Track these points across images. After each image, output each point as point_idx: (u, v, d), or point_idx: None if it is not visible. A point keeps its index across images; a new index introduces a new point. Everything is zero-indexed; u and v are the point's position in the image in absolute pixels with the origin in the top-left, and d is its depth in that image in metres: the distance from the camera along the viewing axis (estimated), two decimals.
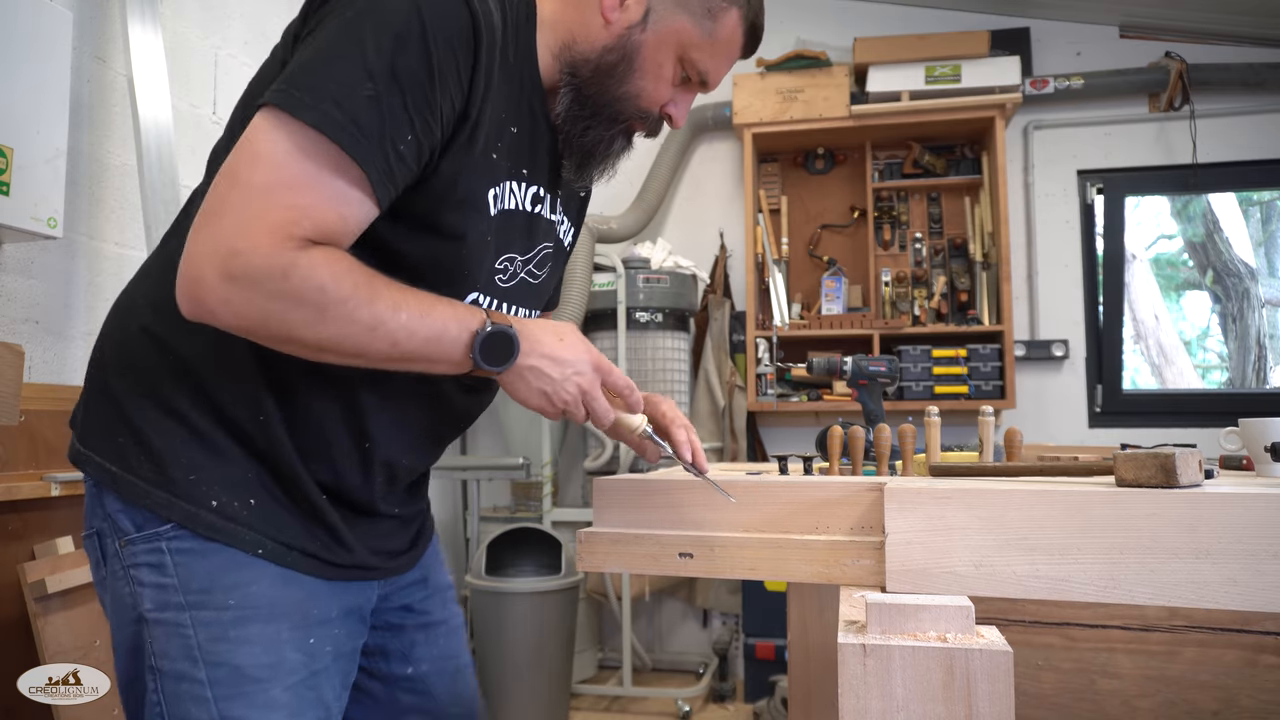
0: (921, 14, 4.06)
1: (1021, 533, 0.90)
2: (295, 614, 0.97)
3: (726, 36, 1.02)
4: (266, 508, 0.96)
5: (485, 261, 1.00)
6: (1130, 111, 3.85)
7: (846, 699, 0.74)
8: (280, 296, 0.80)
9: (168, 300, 0.87)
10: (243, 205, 0.80)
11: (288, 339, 0.84)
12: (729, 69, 1.06)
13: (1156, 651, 0.93)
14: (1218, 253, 4.28)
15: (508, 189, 1.01)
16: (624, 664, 3.49)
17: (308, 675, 0.97)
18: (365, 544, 1.05)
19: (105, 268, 2.27)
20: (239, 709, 0.92)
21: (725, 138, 4.22)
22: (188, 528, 0.93)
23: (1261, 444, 1.36)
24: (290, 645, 0.96)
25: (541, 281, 1.13)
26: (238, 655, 0.92)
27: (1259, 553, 0.84)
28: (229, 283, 0.79)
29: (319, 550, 1.00)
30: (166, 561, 0.93)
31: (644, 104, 1.04)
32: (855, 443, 1.22)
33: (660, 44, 1.01)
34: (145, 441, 0.94)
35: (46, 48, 1.90)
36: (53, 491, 1.92)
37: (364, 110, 0.82)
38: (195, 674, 0.92)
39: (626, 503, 1.12)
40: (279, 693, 0.94)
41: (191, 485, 0.93)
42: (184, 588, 0.93)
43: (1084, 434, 3.83)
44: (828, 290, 3.93)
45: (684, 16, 1.00)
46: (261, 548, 0.95)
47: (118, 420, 0.96)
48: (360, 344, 0.85)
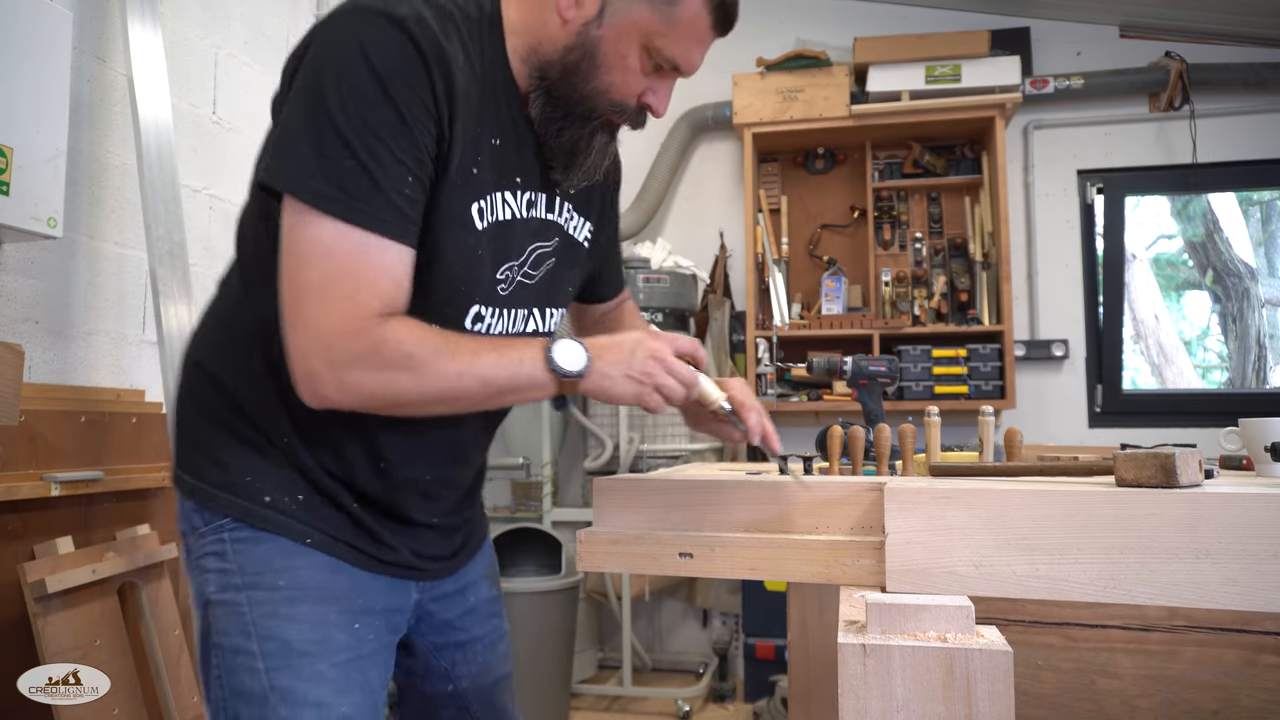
0: (921, 14, 4.06)
1: (1021, 533, 0.90)
2: (342, 600, 1.05)
3: (689, 19, 0.99)
4: (313, 504, 1.05)
5: (483, 275, 1.04)
6: (1130, 111, 3.85)
7: (846, 699, 0.74)
8: (381, 369, 0.91)
9: (218, 345, 1.08)
10: (315, 305, 0.90)
11: (397, 403, 0.94)
12: (703, 51, 1.04)
13: (1156, 651, 0.93)
14: (1218, 253, 4.28)
15: (499, 200, 1.04)
16: (624, 664, 3.49)
17: (354, 657, 1.04)
18: (406, 546, 1.12)
19: (105, 268, 2.27)
20: (287, 679, 0.99)
21: (725, 137, 4.22)
22: (244, 521, 1.03)
23: (1261, 444, 1.36)
24: (337, 627, 1.03)
25: (538, 281, 1.13)
26: (287, 630, 1.00)
27: (1259, 553, 0.84)
28: (337, 369, 0.90)
29: (364, 545, 1.07)
30: (227, 550, 1.03)
31: (616, 97, 1.04)
32: (855, 443, 1.22)
33: (620, 36, 1.00)
34: (213, 456, 1.06)
35: (46, 47, 1.90)
36: (53, 491, 1.92)
37: (358, 183, 0.89)
38: (249, 647, 1.00)
39: (626, 503, 1.12)
40: (326, 668, 1.01)
41: (248, 485, 1.04)
42: (241, 571, 1.02)
43: (1084, 434, 3.83)
44: (828, 290, 3.93)
45: (641, 5, 0.99)
46: (309, 537, 1.04)
47: (196, 446, 1.08)
48: (457, 390, 0.94)
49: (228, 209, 2.74)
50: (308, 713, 0.99)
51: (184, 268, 2.19)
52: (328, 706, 1.00)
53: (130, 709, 1.97)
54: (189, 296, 2.19)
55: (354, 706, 1.03)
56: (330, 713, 1.00)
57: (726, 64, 4.15)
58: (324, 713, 1.00)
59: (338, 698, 1.01)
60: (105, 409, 2.15)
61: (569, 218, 1.16)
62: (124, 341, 2.33)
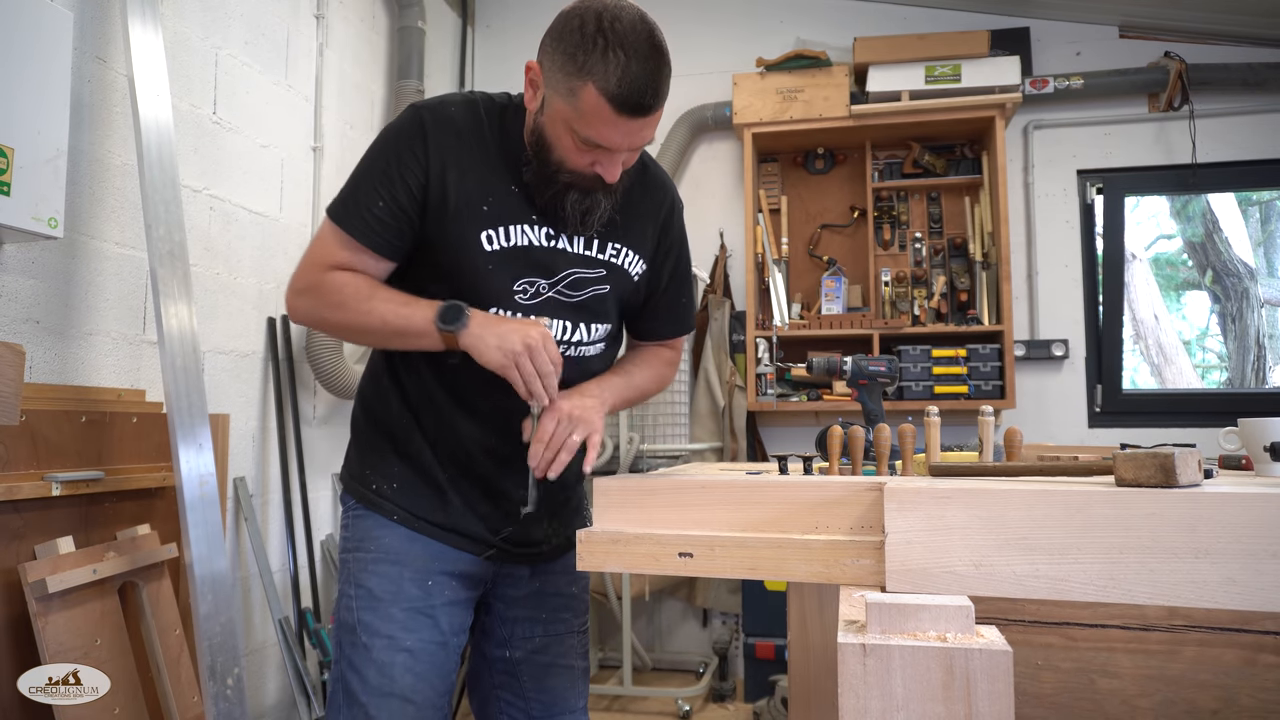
0: (921, 14, 4.06)
1: (1021, 533, 0.90)
2: (417, 562, 1.39)
3: (590, 109, 1.19)
4: (406, 489, 1.42)
5: (493, 285, 1.33)
6: (1130, 111, 3.85)
7: (846, 699, 0.74)
8: (313, 298, 1.33)
9: (365, 374, 1.51)
10: (302, 260, 1.36)
11: (325, 324, 1.36)
12: (619, 132, 1.21)
13: (1156, 651, 0.93)
14: (1217, 253, 4.29)
15: (517, 230, 1.34)
16: (624, 663, 3.49)
17: (424, 606, 1.37)
18: (486, 525, 1.43)
19: (105, 268, 2.27)
20: (369, 617, 1.36)
21: (725, 137, 4.23)
22: (359, 501, 1.44)
23: (1261, 444, 1.37)
24: (410, 582, 1.38)
25: (583, 300, 1.40)
26: (371, 581, 1.38)
27: (1258, 552, 0.84)
28: (295, 295, 1.36)
29: (443, 521, 1.41)
30: (350, 522, 1.45)
31: (570, 168, 1.28)
32: (855, 443, 1.22)
33: (553, 123, 1.26)
34: (352, 457, 1.50)
35: (47, 48, 1.90)
36: (53, 491, 1.92)
37: (349, 199, 1.33)
38: (349, 591, 1.40)
39: (626, 503, 1.12)
40: (396, 612, 1.36)
41: (366, 477, 1.45)
42: (353, 537, 1.43)
43: (1084, 434, 3.83)
44: (828, 290, 3.93)
45: (559, 99, 1.22)
46: (396, 514, 1.41)
47: (349, 454, 1.52)
48: (365, 324, 1.30)
49: (228, 209, 2.74)
50: (379, 641, 1.35)
51: (184, 268, 2.20)
52: (395, 639, 1.35)
53: (131, 709, 1.97)
54: (189, 296, 2.19)
55: (418, 641, 1.36)
56: (397, 644, 1.35)
57: (727, 64, 4.16)
58: (392, 643, 1.35)
59: (404, 634, 1.35)
60: (106, 409, 2.15)
61: (616, 252, 1.42)
62: (124, 341, 2.33)
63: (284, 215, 3.02)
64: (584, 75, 1.18)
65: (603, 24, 1.17)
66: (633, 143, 1.24)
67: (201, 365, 2.19)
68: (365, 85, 3.61)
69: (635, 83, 1.17)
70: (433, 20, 4.08)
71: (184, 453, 2.08)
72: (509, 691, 1.52)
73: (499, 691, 1.52)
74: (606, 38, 1.17)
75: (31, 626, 1.81)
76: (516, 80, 5.24)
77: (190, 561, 2.06)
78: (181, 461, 2.07)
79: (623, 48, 1.17)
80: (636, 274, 1.45)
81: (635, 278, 1.45)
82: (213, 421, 2.31)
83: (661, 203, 1.49)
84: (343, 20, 3.43)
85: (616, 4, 1.20)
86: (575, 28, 1.18)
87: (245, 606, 2.76)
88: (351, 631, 1.37)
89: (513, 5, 4.49)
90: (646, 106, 1.19)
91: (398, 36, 3.77)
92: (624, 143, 1.23)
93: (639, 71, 1.17)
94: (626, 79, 1.17)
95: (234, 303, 2.76)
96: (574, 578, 1.55)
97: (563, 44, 1.19)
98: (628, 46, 1.17)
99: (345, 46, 3.45)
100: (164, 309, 2.12)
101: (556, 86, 1.22)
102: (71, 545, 1.94)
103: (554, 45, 1.21)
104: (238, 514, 2.73)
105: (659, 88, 1.20)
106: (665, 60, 1.21)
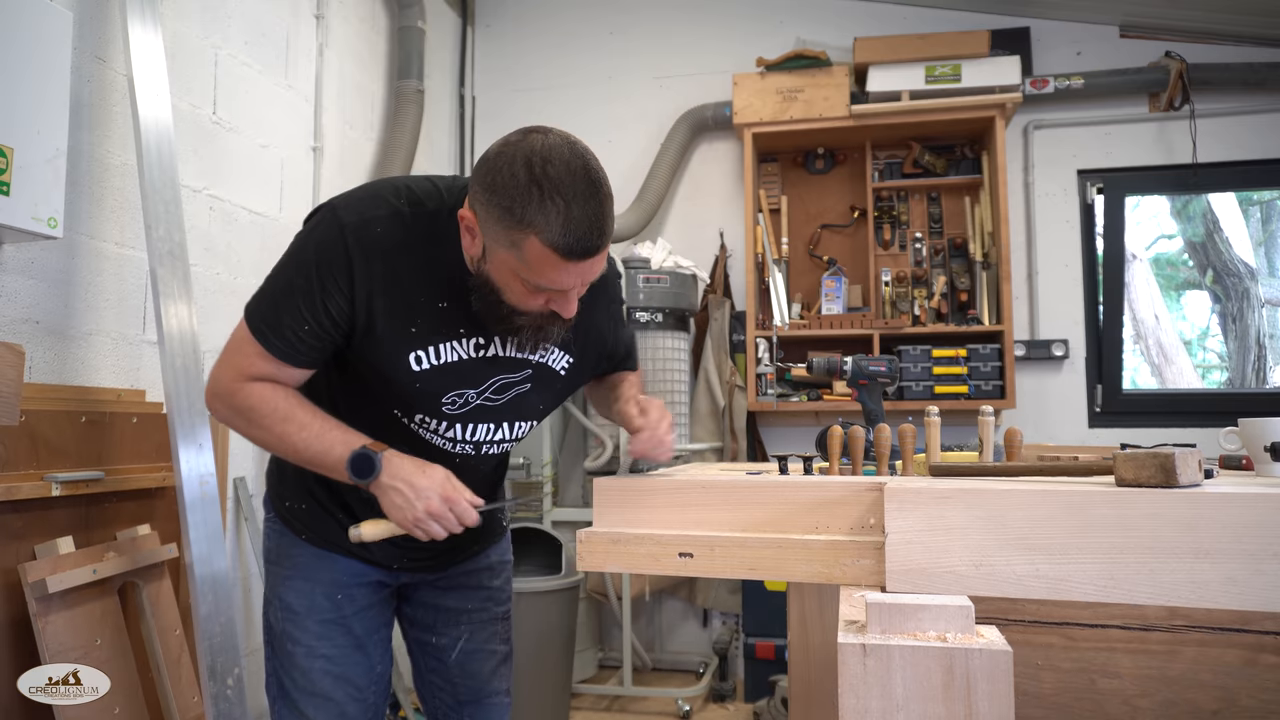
0: (921, 14, 4.06)
1: (1021, 533, 0.90)
2: (326, 578, 1.48)
3: (535, 258, 1.15)
4: (314, 511, 1.49)
5: (421, 400, 1.34)
6: (1130, 111, 3.85)
7: (846, 699, 0.74)
8: (231, 409, 1.33)
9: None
10: (221, 362, 1.34)
11: (241, 433, 1.37)
12: (570, 275, 1.18)
13: (1156, 651, 0.93)
14: (1218, 252, 4.29)
15: (446, 347, 1.32)
16: (624, 664, 3.49)
17: (337, 616, 1.47)
18: (395, 544, 1.46)
19: (105, 268, 2.27)
20: (289, 627, 1.47)
21: (725, 137, 4.22)
22: (275, 514, 1.53)
23: (1261, 444, 1.36)
24: (323, 596, 1.47)
25: (504, 403, 1.40)
26: (288, 596, 1.48)
27: (1258, 552, 0.84)
28: (212, 399, 1.35)
29: (350, 545, 1.45)
30: (269, 533, 1.55)
31: (523, 309, 1.24)
32: (855, 443, 1.22)
33: (498, 270, 1.21)
34: (276, 473, 1.56)
35: (47, 48, 1.90)
36: (53, 491, 1.92)
37: (270, 316, 1.28)
38: (273, 601, 1.50)
39: (626, 503, 1.12)
40: (312, 624, 1.46)
41: (281, 492, 1.53)
42: (271, 549, 1.53)
43: (1084, 434, 3.83)
44: (828, 290, 3.93)
45: (502, 249, 1.17)
46: (305, 534, 1.49)
47: (274, 470, 1.58)
48: (275, 448, 1.35)
49: (228, 209, 2.74)
50: (300, 649, 1.46)
51: (184, 268, 2.20)
52: (313, 647, 1.46)
53: (131, 709, 1.97)
54: (189, 296, 2.19)
55: (333, 648, 1.46)
56: (314, 651, 1.46)
57: (727, 64, 4.16)
58: (311, 650, 1.46)
59: (319, 642, 1.46)
60: (106, 409, 2.15)
61: (544, 352, 1.39)
62: (124, 341, 2.33)
63: (284, 215, 3.02)
64: (524, 228, 1.12)
65: (534, 171, 1.12)
66: (586, 279, 1.21)
67: (202, 365, 2.18)
68: (365, 85, 3.61)
69: (579, 228, 1.12)
70: (433, 20, 4.08)
71: (184, 453, 2.08)
72: (438, 676, 1.63)
73: (430, 675, 1.64)
74: (541, 186, 1.11)
75: (31, 627, 1.81)
76: (516, 80, 5.24)
77: (190, 561, 2.06)
78: (181, 461, 2.07)
79: (559, 194, 1.11)
80: (562, 369, 1.44)
81: (561, 372, 1.44)
82: (212, 422, 2.31)
83: (612, 299, 1.52)
84: (343, 20, 3.43)
85: (544, 144, 1.14)
86: (506, 179, 1.13)
87: (245, 606, 2.75)
88: (277, 638, 1.48)
89: (513, 5, 4.49)
90: (595, 248, 1.15)
91: (398, 36, 3.77)
92: (576, 282, 1.20)
93: (580, 215, 1.12)
94: (570, 226, 1.12)
95: (234, 303, 2.76)
96: (495, 572, 1.64)
97: (496, 196, 1.14)
98: (564, 191, 1.11)
99: (345, 46, 3.45)
100: (164, 309, 2.12)
101: (497, 238, 1.17)
102: (71, 545, 1.94)
103: (487, 197, 1.15)
104: (238, 514, 2.73)
105: (604, 226, 1.15)
106: (605, 194, 1.16)
